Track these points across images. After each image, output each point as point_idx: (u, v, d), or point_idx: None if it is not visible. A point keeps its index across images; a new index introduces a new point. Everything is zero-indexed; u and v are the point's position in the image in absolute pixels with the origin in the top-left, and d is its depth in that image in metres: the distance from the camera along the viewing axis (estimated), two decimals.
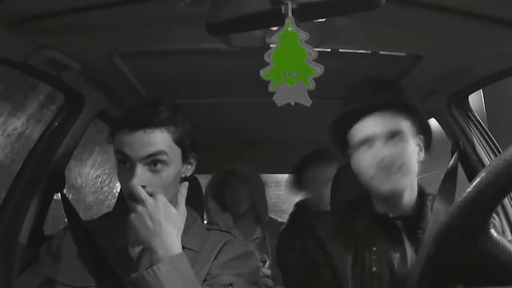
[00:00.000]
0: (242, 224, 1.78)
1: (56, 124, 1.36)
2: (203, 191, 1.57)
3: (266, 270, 1.53)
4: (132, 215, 0.89)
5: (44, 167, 1.31)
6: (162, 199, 0.90)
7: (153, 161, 0.93)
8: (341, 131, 1.07)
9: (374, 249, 0.98)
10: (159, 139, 0.93)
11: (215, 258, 0.98)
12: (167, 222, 0.88)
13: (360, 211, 1.07)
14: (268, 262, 1.56)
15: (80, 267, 0.98)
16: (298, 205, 1.87)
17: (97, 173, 3.21)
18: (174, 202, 0.96)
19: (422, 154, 1.04)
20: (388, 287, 0.95)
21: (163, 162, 0.93)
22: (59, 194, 1.32)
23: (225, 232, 1.08)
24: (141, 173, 0.91)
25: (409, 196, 1.02)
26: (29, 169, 1.29)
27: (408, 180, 0.99)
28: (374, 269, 0.96)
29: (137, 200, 0.89)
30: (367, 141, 1.00)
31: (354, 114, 1.03)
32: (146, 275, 0.83)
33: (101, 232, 1.04)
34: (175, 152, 0.97)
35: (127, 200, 0.94)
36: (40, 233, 1.32)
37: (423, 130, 1.05)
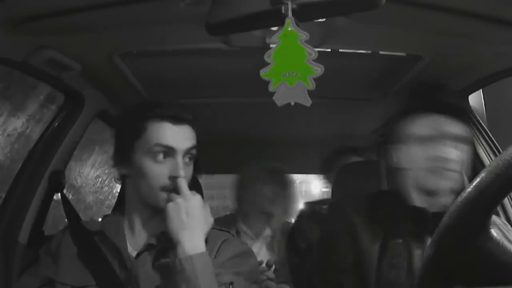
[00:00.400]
0: (253, 222, 1.77)
1: (56, 124, 1.36)
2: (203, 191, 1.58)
3: (270, 274, 1.52)
4: (170, 205, 0.92)
5: (44, 167, 1.30)
6: (199, 197, 0.95)
7: (191, 154, 0.99)
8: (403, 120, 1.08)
9: (399, 241, 1.00)
10: (193, 135, 1.00)
11: (214, 257, 0.98)
12: (199, 220, 0.92)
13: (392, 202, 1.08)
14: (274, 266, 1.55)
15: (80, 267, 0.98)
16: (307, 204, 1.87)
17: (97, 173, 3.20)
18: None
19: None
20: (405, 282, 0.96)
21: (193, 157, 1.00)
22: (59, 194, 1.32)
23: (223, 231, 1.08)
24: (183, 166, 0.96)
25: (446, 199, 1.03)
26: (29, 169, 1.29)
27: (456, 181, 1.01)
28: (394, 261, 0.98)
29: (176, 191, 0.93)
30: (432, 138, 1.01)
31: (431, 106, 1.04)
32: (184, 261, 0.85)
33: (101, 232, 1.04)
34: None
35: (158, 193, 0.96)
36: (40, 233, 1.32)
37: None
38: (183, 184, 0.94)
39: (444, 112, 1.03)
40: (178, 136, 0.96)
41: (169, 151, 0.96)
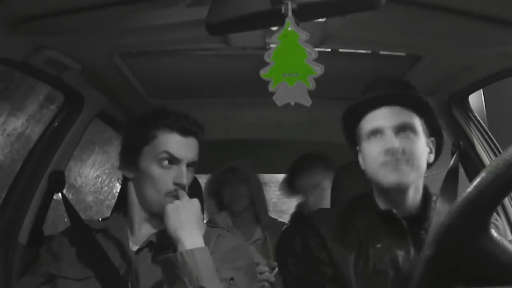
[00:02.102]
0: (241, 224, 1.77)
1: (56, 124, 1.36)
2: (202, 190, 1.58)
3: (271, 277, 1.51)
4: (170, 205, 0.96)
5: (44, 167, 1.30)
6: (197, 201, 0.99)
7: (193, 163, 1.05)
8: (352, 123, 1.06)
9: (378, 246, 0.98)
10: (198, 146, 1.07)
11: (211, 253, 0.99)
12: (197, 221, 0.96)
13: (363, 208, 1.06)
14: (276, 270, 1.54)
15: (81, 262, 0.99)
16: (299, 205, 1.86)
17: (97, 173, 3.21)
18: None
19: (432, 156, 1.03)
20: (392, 285, 0.95)
21: (195, 165, 1.06)
22: (59, 194, 1.32)
23: (216, 228, 1.10)
24: (186, 174, 1.02)
25: (414, 195, 1.00)
26: (29, 169, 1.29)
27: (415, 175, 0.97)
28: (378, 266, 0.96)
29: (176, 197, 0.99)
30: (378, 131, 0.98)
31: (368, 104, 1.02)
32: (185, 254, 0.87)
33: (101, 231, 1.05)
34: None
35: (163, 199, 0.99)
36: (40, 233, 1.32)
37: (435, 133, 1.05)
38: (183, 192, 1.00)
39: (389, 102, 1.00)
40: (185, 148, 1.03)
41: (174, 160, 1.02)
